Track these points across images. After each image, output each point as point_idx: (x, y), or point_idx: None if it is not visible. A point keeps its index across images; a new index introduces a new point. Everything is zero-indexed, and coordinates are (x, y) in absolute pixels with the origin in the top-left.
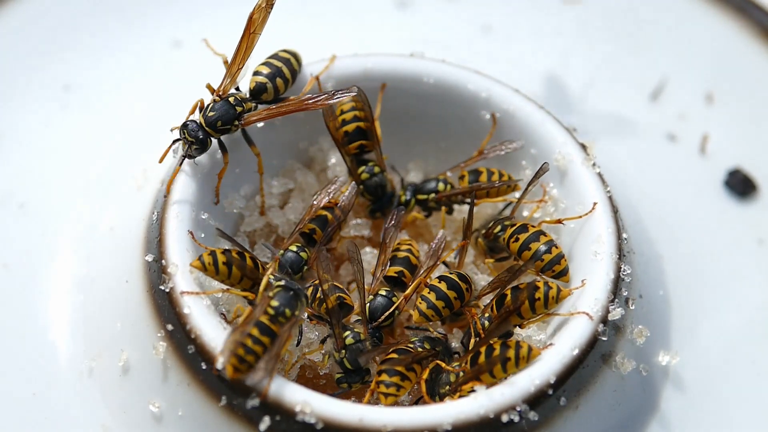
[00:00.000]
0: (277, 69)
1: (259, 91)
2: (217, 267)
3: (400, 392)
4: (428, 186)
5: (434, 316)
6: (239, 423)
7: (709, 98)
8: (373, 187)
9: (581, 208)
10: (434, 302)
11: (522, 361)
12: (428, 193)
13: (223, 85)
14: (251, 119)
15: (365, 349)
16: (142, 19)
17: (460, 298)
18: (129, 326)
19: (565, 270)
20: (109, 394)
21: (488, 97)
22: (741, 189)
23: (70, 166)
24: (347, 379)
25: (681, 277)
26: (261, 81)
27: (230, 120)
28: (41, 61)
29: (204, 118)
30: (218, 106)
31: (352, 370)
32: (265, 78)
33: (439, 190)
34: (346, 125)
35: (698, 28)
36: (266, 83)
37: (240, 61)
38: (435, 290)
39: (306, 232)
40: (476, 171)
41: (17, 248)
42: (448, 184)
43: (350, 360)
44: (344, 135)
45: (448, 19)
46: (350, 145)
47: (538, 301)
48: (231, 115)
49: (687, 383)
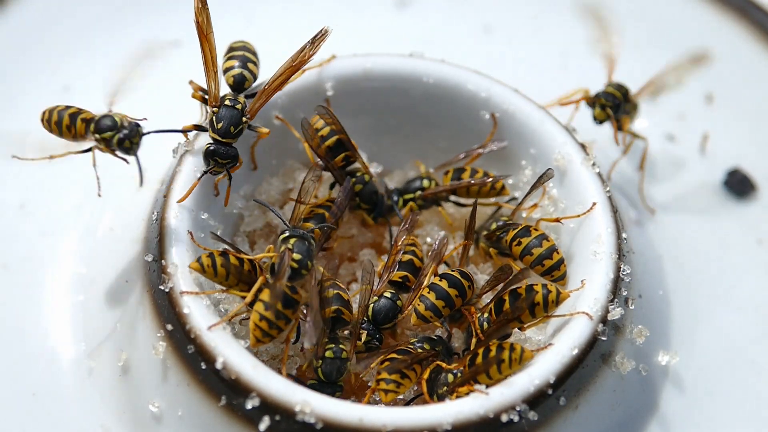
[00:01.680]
0: (241, 56)
1: (239, 83)
2: (215, 269)
3: (400, 389)
4: (413, 185)
5: (433, 317)
6: (239, 423)
7: (708, 98)
8: (368, 195)
9: (581, 207)
10: (434, 302)
11: (515, 363)
12: (414, 191)
13: (212, 95)
14: (254, 108)
15: (342, 368)
16: (142, 19)
17: (462, 296)
18: (129, 326)
19: (563, 275)
20: (108, 394)
21: (488, 97)
22: (740, 189)
23: (70, 166)
24: (318, 387)
25: (681, 277)
26: (236, 73)
27: (239, 120)
28: (41, 61)
29: (217, 133)
30: (222, 114)
31: (325, 382)
32: (238, 69)
33: (425, 187)
34: (327, 141)
35: (698, 28)
36: (241, 72)
37: (212, 65)
38: (435, 289)
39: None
40: (460, 169)
41: (17, 248)
42: (432, 181)
43: (324, 372)
44: (327, 151)
45: (448, 19)
46: (336, 158)
47: (537, 306)
48: (236, 115)
49: (687, 383)
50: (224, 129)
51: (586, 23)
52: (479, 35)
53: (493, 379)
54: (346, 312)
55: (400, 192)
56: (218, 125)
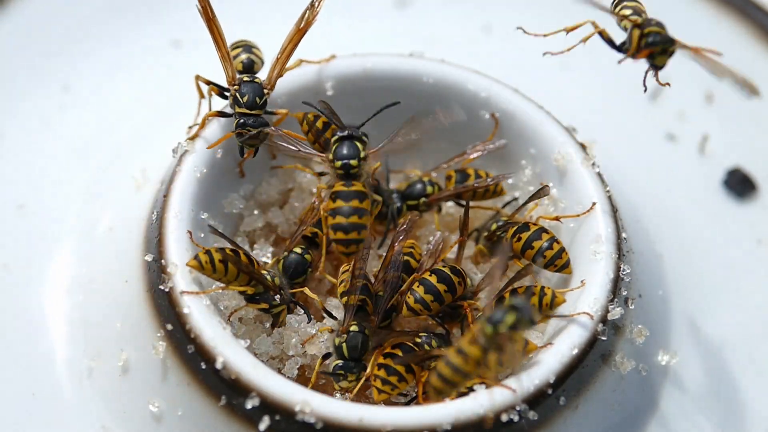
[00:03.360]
0: (244, 45)
1: (248, 66)
2: (213, 265)
3: (393, 392)
4: (416, 190)
5: (422, 310)
6: (239, 423)
7: (708, 98)
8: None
9: (581, 207)
10: (422, 296)
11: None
12: (417, 197)
13: (229, 75)
14: (272, 77)
15: (366, 344)
16: (142, 19)
17: (451, 292)
18: (128, 326)
19: (566, 263)
20: (108, 394)
21: (488, 96)
22: (740, 189)
23: (70, 166)
24: (343, 367)
25: (681, 277)
26: (244, 58)
27: (261, 91)
28: (41, 61)
29: (244, 106)
30: (244, 89)
31: (348, 359)
32: (245, 54)
33: (429, 193)
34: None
35: (698, 28)
36: (249, 56)
37: (224, 47)
38: (425, 283)
39: (308, 236)
40: (464, 172)
41: (17, 248)
42: (435, 185)
43: (350, 346)
44: (326, 143)
45: (448, 19)
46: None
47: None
48: (257, 87)
49: (686, 383)
50: (251, 101)
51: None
52: (479, 35)
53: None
54: (370, 305)
55: (402, 197)
56: (243, 99)
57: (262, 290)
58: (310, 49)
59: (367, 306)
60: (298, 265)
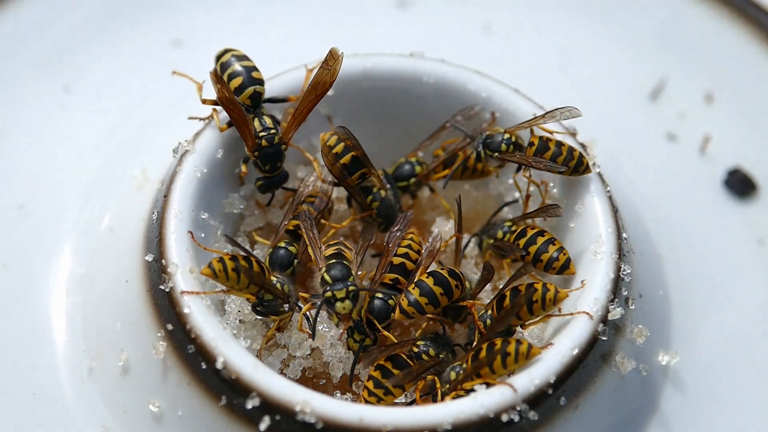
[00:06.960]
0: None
1: (255, 100)
2: (226, 273)
3: (380, 402)
4: (404, 171)
5: (416, 313)
6: (239, 423)
7: (708, 98)
8: (385, 210)
9: (581, 207)
10: (417, 298)
11: (521, 357)
12: (407, 178)
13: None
14: (289, 136)
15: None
16: (142, 19)
17: (448, 295)
18: (129, 326)
19: (567, 263)
20: (109, 394)
21: (488, 97)
22: (741, 189)
23: (70, 166)
24: (358, 329)
25: (681, 277)
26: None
27: (279, 153)
28: (41, 61)
29: (266, 173)
30: (264, 157)
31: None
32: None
33: (418, 172)
34: (341, 159)
35: (698, 28)
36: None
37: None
38: (420, 286)
39: (291, 230)
40: (453, 153)
41: (17, 248)
42: (422, 164)
43: (374, 308)
44: (342, 169)
45: (448, 19)
46: (352, 176)
47: (535, 304)
48: (276, 150)
49: (687, 383)
50: (272, 168)
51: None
52: (479, 35)
53: (497, 374)
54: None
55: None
56: (266, 167)
57: (271, 298)
58: (310, 49)
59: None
60: (284, 258)
